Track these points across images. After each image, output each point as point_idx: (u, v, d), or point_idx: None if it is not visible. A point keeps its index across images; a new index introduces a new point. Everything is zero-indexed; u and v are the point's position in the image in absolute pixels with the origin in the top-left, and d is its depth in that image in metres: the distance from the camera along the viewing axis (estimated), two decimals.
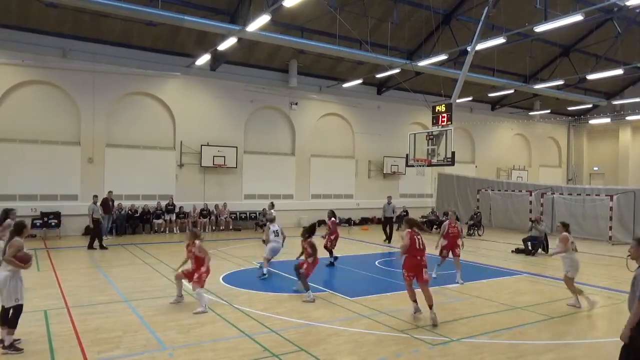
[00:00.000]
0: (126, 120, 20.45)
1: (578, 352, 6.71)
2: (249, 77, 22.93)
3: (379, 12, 20.47)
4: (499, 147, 32.46)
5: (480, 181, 25.97)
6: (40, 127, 18.70)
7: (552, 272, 12.80)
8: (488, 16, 16.89)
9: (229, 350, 6.51)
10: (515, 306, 9.11)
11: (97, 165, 19.68)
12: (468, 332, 7.47)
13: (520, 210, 22.96)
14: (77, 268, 12.67)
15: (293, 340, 6.88)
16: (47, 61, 18.54)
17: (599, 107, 32.51)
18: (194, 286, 8.52)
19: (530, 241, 15.99)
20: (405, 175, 26.83)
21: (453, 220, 11.61)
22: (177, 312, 8.32)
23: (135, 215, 19.85)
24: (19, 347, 6.32)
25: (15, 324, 6.36)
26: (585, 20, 17.08)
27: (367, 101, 26.56)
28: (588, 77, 23.48)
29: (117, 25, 18.71)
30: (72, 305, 8.63)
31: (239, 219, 22.41)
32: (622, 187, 22.52)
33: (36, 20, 17.97)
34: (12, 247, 6.42)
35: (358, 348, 6.69)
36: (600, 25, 23.12)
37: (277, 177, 23.77)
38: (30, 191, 18.38)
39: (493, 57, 22.54)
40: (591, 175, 35.97)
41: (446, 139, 15.69)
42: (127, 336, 6.98)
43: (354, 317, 8.19)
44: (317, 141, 25.18)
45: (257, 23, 15.39)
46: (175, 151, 21.34)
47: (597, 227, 20.16)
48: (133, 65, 20.19)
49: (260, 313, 8.26)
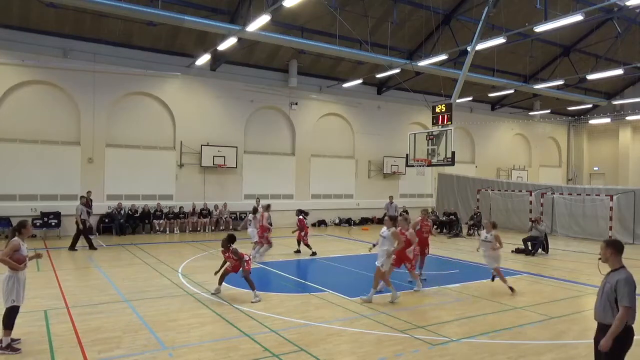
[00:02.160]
0: (126, 120, 20.45)
1: (578, 352, 6.71)
2: (249, 77, 22.93)
3: (379, 12, 20.47)
4: (499, 147, 32.46)
5: (480, 181, 25.96)
6: (40, 127, 18.70)
7: (552, 272, 12.81)
8: (488, 16, 16.88)
9: (229, 350, 6.51)
10: (515, 306, 9.12)
11: (97, 165, 19.68)
12: (468, 332, 7.47)
13: (520, 210, 22.95)
14: (77, 268, 12.68)
15: (293, 340, 6.88)
16: (48, 61, 18.54)
17: (599, 107, 32.50)
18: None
19: (530, 241, 15.99)
20: (405, 175, 26.84)
21: (426, 218, 11.52)
22: (177, 312, 8.32)
23: (136, 216, 19.85)
24: (16, 348, 6.29)
25: (11, 325, 6.32)
26: (585, 20, 17.08)
27: (367, 101, 26.57)
28: (588, 77, 23.47)
29: (117, 25, 18.70)
30: (72, 305, 8.63)
31: (239, 219, 22.39)
32: (622, 187, 22.51)
33: (36, 20, 17.97)
34: (8, 246, 6.39)
35: (358, 348, 6.69)
36: (600, 25, 23.13)
37: (277, 177, 23.78)
38: (30, 191, 18.38)
39: (493, 57, 22.53)
40: (591, 175, 35.97)
41: (446, 139, 15.70)
42: (127, 336, 6.98)
43: (354, 317, 8.19)
44: (317, 141, 25.18)
45: (257, 23, 15.39)
46: (175, 151, 21.34)
47: (597, 227, 20.15)
48: (133, 65, 20.19)
49: (260, 313, 8.26)
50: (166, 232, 20.16)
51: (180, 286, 10.33)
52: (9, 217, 17.95)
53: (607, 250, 4.56)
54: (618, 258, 4.56)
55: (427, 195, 28.80)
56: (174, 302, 8.94)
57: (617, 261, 4.55)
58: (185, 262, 13.31)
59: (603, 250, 4.58)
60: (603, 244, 4.61)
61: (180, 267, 12.46)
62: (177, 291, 9.89)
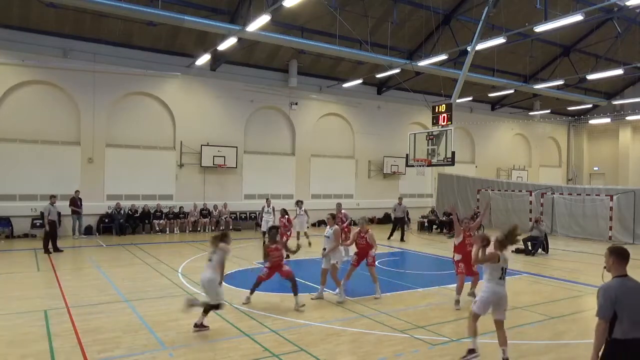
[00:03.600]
0: (126, 120, 20.45)
1: (578, 352, 6.71)
2: (249, 77, 22.93)
3: (379, 12, 20.47)
4: (499, 147, 32.45)
5: (480, 181, 25.95)
6: (40, 127, 18.70)
7: (552, 272, 12.81)
8: (488, 16, 16.88)
9: (229, 350, 6.51)
10: (515, 306, 9.10)
11: (97, 165, 19.67)
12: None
13: (520, 210, 22.93)
14: (77, 268, 12.68)
15: (293, 340, 6.88)
16: (48, 61, 18.54)
17: (599, 107, 32.49)
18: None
19: (530, 241, 16.00)
20: (405, 175, 26.84)
21: (364, 229, 10.05)
22: (177, 312, 8.31)
23: (135, 216, 19.85)
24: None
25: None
26: (585, 20, 17.08)
27: (367, 101, 26.56)
28: (588, 77, 23.46)
29: (117, 25, 18.70)
30: (72, 305, 8.63)
31: (239, 219, 22.42)
32: (622, 187, 22.50)
33: (37, 20, 17.97)
34: (226, 253, 7.47)
35: (358, 348, 6.69)
36: (600, 25, 23.12)
37: (277, 177, 23.77)
38: (30, 191, 18.37)
39: (493, 57, 22.53)
40: (591, 175, 35.96)
41: (446, 139, 15.69)
42: (127, 336, 6.98)
43: (354, 317, 8.19)
44: (317, 141, 25.17)
45: (257, 23, 15.39)
46: (175, 151, 21.34)
47: (597, 227, 20.16)
48: (133, 65, 20.19)
49: (260, 313, 8.27)
50: (166, 232, 20.16)
51: (180, 286, 10.33)
52: (9, 217, 17.98)
53: (610, 259, 4.21)
54: (619, 267, 4.17)
55: (427, 195, 28.80)
56: (174, 302, 8.92)
57: (617, 269, 4.17)
58: (185, 262, 13.32)
59: (606, 258, 4.24)
60: (606, 252, 4.26)
61: (180, 267, 12.46)
62: (177, 291, 9.89)
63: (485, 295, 6.29)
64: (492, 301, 6.24)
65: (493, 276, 6.27)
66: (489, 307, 6.29)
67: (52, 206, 14.71)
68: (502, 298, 6.26)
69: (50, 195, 15.34)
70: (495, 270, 6.26)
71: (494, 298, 6.23)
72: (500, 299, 6.25)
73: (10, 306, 8.56)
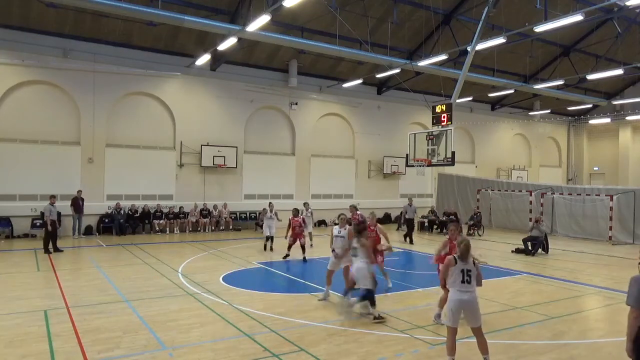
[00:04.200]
0: (126, 120, 20.44)
1: (578, 352, 6.71)
2: (249, 77, 22.93)
3: (379, 12, 20.47)
4: (499, 147, 32.46)
5: (480, 181, 25.96)
6: (40, 127, 18.70)
7: (552, 272, 12.81)
8: (488, 16, 16.88)
9: (229, 350, 6.51)
10: (515, 306, 9.11)
11: (97, 165, 19.67)
12: (468, 332, 7.44)
13: (520, 210, 22.96)
14: (77, 268, 12.67)
15: (293, 340, 6.88)
16: (48, 61, 18.54)
17: (599, 107, 32.51)
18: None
19: (530, 241, 15.99)
20: (405, 175, 26.84)
21: (372, 223, 10.47)
22: (177, 312, 8.32)
23: (136, 216, 19.85)
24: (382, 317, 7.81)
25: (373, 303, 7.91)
26: (585, 20, 17.07)
27: (367, 101, 26.56)
28: (588, 77, 23.46)
29: (117, 25, 18.71)
30: (72, 305, 8.63)
31: (239, 219, 22.42)
32: (622, 187, 22.50)
33: (37, 20, 17.97)
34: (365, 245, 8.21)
35: (358, 348, 6.69)
36: (600, 25, 23.13)
37: (277, 177, 23.77)
38: (30, 191, 18.37)
39: (493, 57, 22.54)
40: (591, 175, 35.97)
41: (446, 139, 15.68)
42: (127, 336, 6.97)
43: (354, 317, 8.18)
44: (317, 141, 25.17)
45: (257, 23, 15.39)
46: (175, 151, 21.34)
47: (597, 227, 20.16)
48: (133, 65, 20.19)
49: (260, 313, 8.26)
50: (166, 232, 20.15)
51: (180, 286, 10.33)
52: (9, 217, 17.98)
53: None
54: None
55: (427, 195, 28.80)
56: (174, 302, 8.93)
57: None
58: (185, 262, 13.31)
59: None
60: None
61: (180, 267, 12.45)
62: (177, 291, 9.88)
63: (450, 305, 5.94)
64: (458, 309, 5.84)
65: (455, 282, 5.90)
66: (458, 315, 5.88)
67: (52, 206, 14.71)
68: (468, 303, 5.84)
69: (50, 196, 15.33)
70: (455, 275, 5.88)
71: (458, 305, 5.84)
72: (466, 305, 5.85)
73: (10, 306, 8.55)
